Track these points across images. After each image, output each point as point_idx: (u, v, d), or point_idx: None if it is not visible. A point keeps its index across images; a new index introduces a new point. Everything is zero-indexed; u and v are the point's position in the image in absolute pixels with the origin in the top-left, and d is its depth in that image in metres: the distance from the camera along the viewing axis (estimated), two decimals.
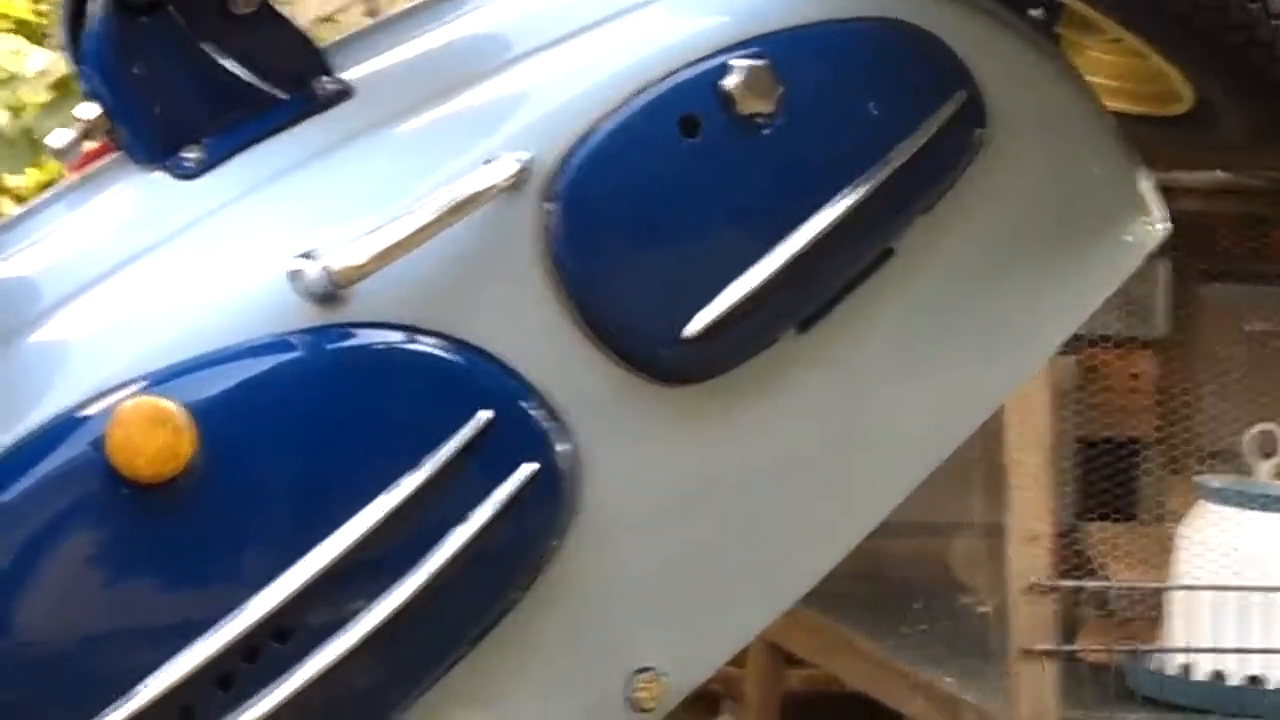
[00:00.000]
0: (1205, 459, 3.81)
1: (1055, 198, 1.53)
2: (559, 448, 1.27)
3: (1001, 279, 1.50)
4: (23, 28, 3.80)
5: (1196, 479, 3.66)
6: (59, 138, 1.35)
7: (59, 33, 1.60)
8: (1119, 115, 1.59)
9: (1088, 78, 1.56)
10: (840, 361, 1.43)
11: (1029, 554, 3.39)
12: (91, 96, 1.33)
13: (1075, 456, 3.83)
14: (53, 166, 2.44)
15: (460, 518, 1.22)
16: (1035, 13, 1.50)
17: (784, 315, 1.36)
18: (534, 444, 1.26)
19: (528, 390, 1.27)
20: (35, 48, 3.61)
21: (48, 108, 3.24)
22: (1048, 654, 3.32)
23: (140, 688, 1.14)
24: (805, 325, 1.36)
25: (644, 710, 1.32)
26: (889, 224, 1.40)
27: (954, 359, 1.49)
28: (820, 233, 1.32)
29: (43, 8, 3.88)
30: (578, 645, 1.37)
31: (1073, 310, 1.56)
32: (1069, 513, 3.71)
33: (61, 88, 3.26)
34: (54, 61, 3.41)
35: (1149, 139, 1.63)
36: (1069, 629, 3.53)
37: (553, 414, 1.27)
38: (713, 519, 1.39)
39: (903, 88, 1.41)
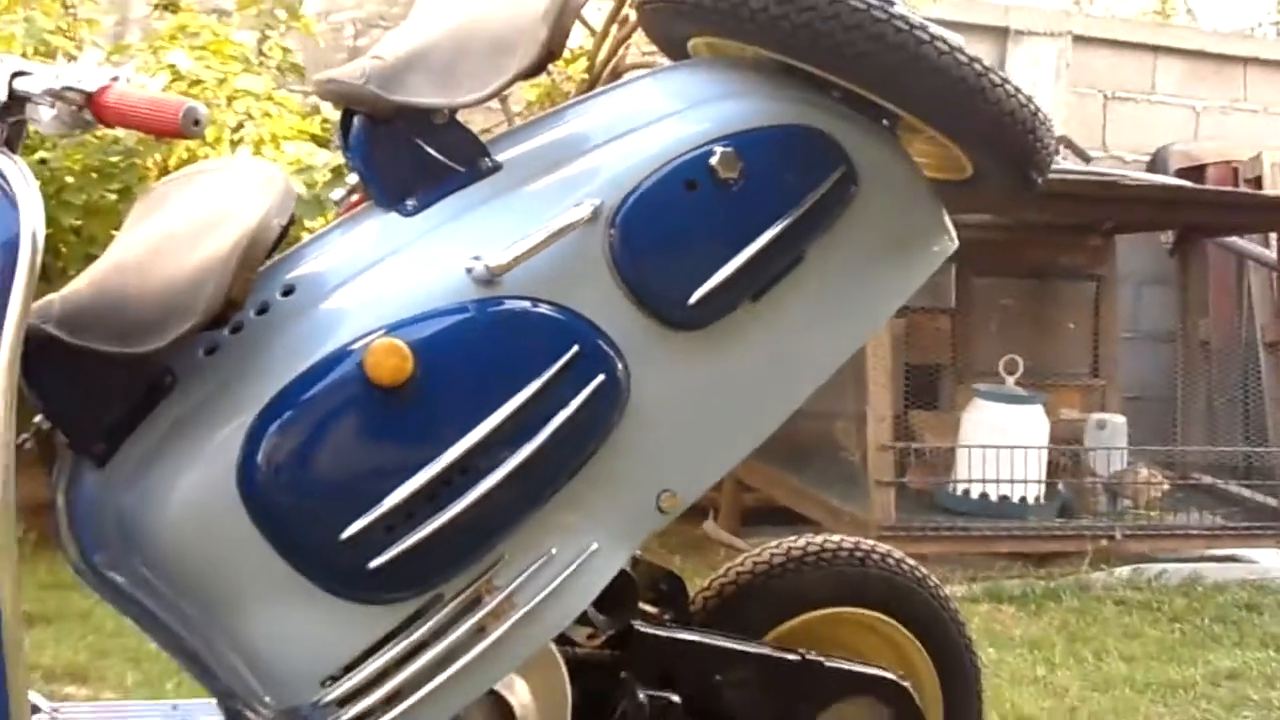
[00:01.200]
0: (977, 375, 5.43)
1: (895, 226, 1.96)
2: (617, 366, 1.70)
3: (865, 271, 1.93)
4: (315, 139, 4.56)
5: (973, 386, 5.25)
6: (336, 195, 1.96)
7: (336, 137, 2.37)
8: (931, 179, 2.03)
9: (914, 158, 2.01)
10: (776, 317, 1.84)
11: (879, 428, 4.81)
12: (354, 171, 1.86)
13: (905, 373, 5.29)
14: (331, 215, 2.71)
15: (563, 405, 1.65)
16: (885, 122, 1.94)
17: (743, 291, 1.79)
18: (602, 365, 1.69)
19: (599, 334, 1.69)
20: (320, 149, 4.38)
21: (328, 183, 4.05)
22: (889, 484, 4.78)
23: (386, 499, 1.58)
24: (756, 297, 1.81)
25: (664, 512, 1.78)
26: (803, 239, 1.83)
27: (839, 316, 1.92)
28: (764, 244, 1.77)
29: (328, 124, 4.53)
30: (629, 476, 1.79)
31: (902, 290, 2.01)
32: (901, 405, 5.20)
33: (338, 171, 4.08)
34: (334, 156, 4.25)
35: (946, 193, 2.04)
36: (901, 470, 5.04)
37: (613, 347, 1.70)
38: (701, 403, 1.82)
39: (811, 163, 1.83)
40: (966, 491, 5.07)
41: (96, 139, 4.47)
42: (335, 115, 2.41)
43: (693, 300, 1.74)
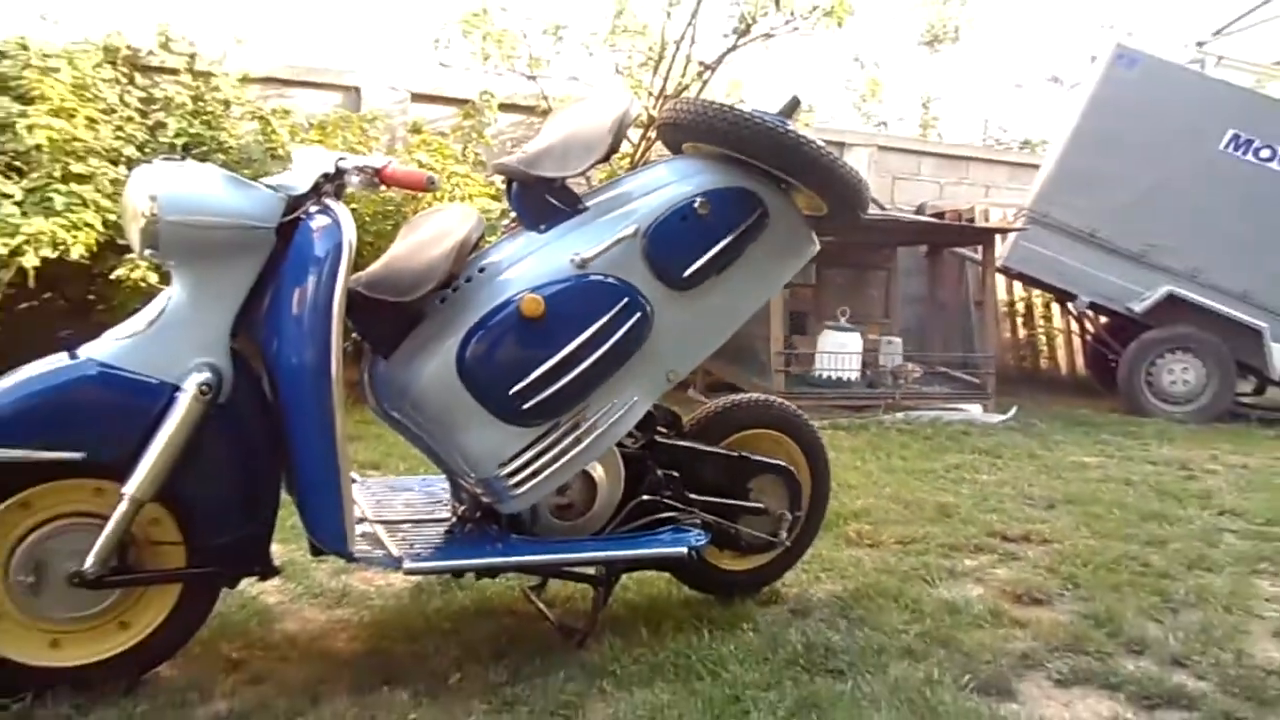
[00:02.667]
0: (825, 317, 6.65)
1: (787, 240, 2.52)
2: (647, 309, 2.32)
3: (772, 262, 2.52)
4: (491, 197, 5.82)
5: (824, 322, 6.57)
6: (504, 224, 3.09)
7: (504, 196, 2.96)
8: (805, 215, 2.54)
9: (797, 204, 2.52)
10: (728, 284, 2.44)
11: (776, 343, 6.23)
12: (513, 211, 2.45)
13: (788, 316, 6.49)
14: (500, 233, 2.92)
15: (619, 328, 2.28)
16: (782, 185, 2.48)
17: (711, 270, 2.39)
18: (639, 309, 2.32)
19: (638, 293, 2.32)
20: (494, 201, 5.61)
21: (499, 217, 5.04)
22: (782, 371, 6.25)
23: (531, 373, 2.25)
24: (719, 273, 2.41)
25: (670, 382, 2.44)
26: (742, 244, 2.41)
27: (759, 284, 2.54)
28: (723, 246, 2.38)
29: (497, 189, 5.76)
30: (652, 363, 2.39)
31: (790, 273, 2.62)
32: (786, 331, 6.47)
33: (504, 212, 4.91)
34: (501, 205, 5.27)
35: (813, 223, 2.57)
36: (787, 364, 6.30)
37: (645, 300, 2.33)
38: (689, 327, 2.41)
39: (747, 206, 2.41)
40: (820, 375, 6.40)
41: (379, 196, 5.68)
42: (502, 183, 3.32)
43: (685, 275, 2.39)
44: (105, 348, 2.04)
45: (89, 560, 2.00)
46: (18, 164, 5.01)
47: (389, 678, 2.21)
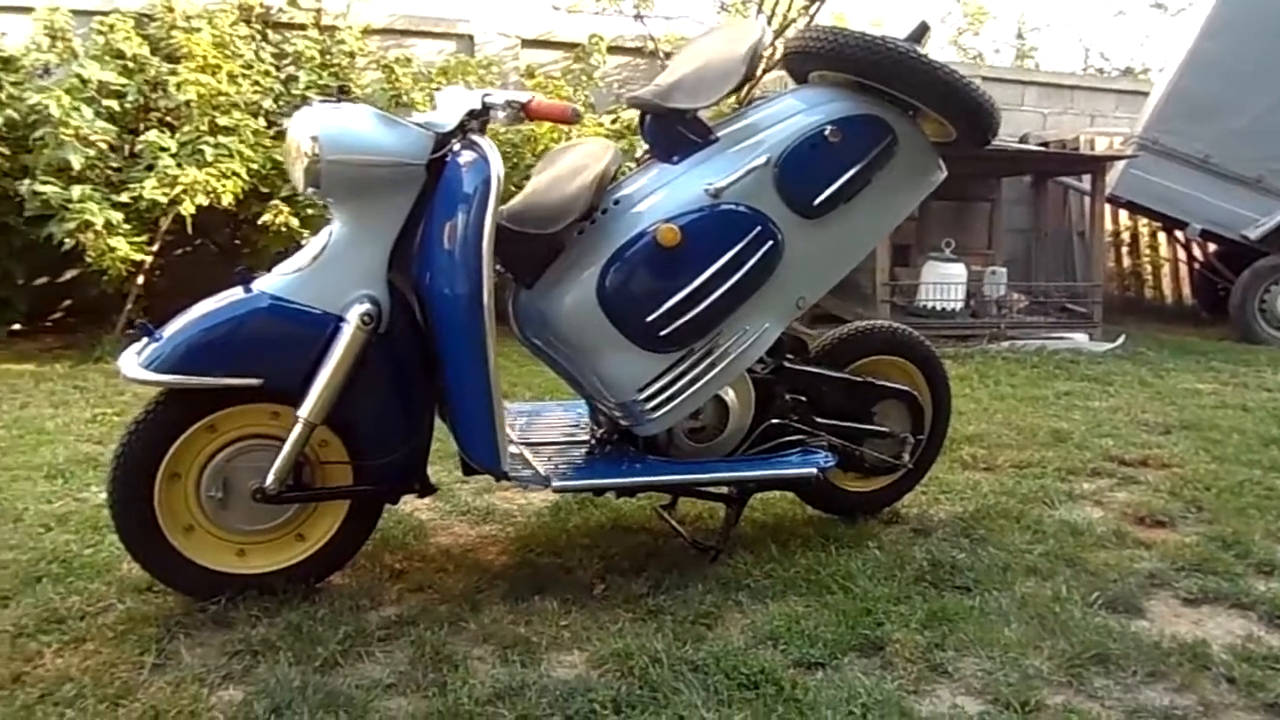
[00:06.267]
0: (929, 249, 6.51)
1: (915, 167, 2.47)
2: (778, 237, 2.31)
3: (899, 190, 2.47)
4: (606, 135, 5.63)
5: (928, 253, 6.40)
6: (638, 155, 2.79)
7: (637, 128, 2.56)
8: (934, 141, 2.51)
9: (925, 130, 2.47)
10: (856, 213, 2.41)
11: (881, 276, 6.14)
12: (646, 143, 2.42)
13: (893, 247, 6.36)
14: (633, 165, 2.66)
15: (752, 256, 2.29)
16: (910, 112, 2.44)
17: (840, 199, 2.36)
18: (771, 237, 2.31)
19: (770, 222, 2.30)
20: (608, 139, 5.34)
21: (630, 150, 4.63)
22: (887, 302, 6.14)
23: (668, 300, 2.25)
24: (847, 201, 2.37)
25: (799, 309, 2.41)
26: (870, 172, 2.38)
27: (885, 213, 2.51)
28: (853, 174, 2.36)
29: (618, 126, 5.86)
30: (783, 291, 2.37)
31: (916, 199, 2.57)
32: (890, 262, 6.35)
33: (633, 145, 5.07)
34: (627, 141, 5.24)
35: (942, 148, 2.53)
36: (891, 295, 6.23)
37: (776, 228, 2.31)
38: (817, 255, 2.39)
39: (876, 133, 2.39)
40: (925, 305, 6.29)
41: (513, 131, 5.64)
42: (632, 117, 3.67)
43: (816, 203, 2.35)
44: (276, 282, 2.10)
45: (269, 478, 2.10)
46: (168, 119, 5.19)
47: (539, 588, 2.28)
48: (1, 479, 3.01)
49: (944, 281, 6.32)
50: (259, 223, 5.15)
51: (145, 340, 2.04)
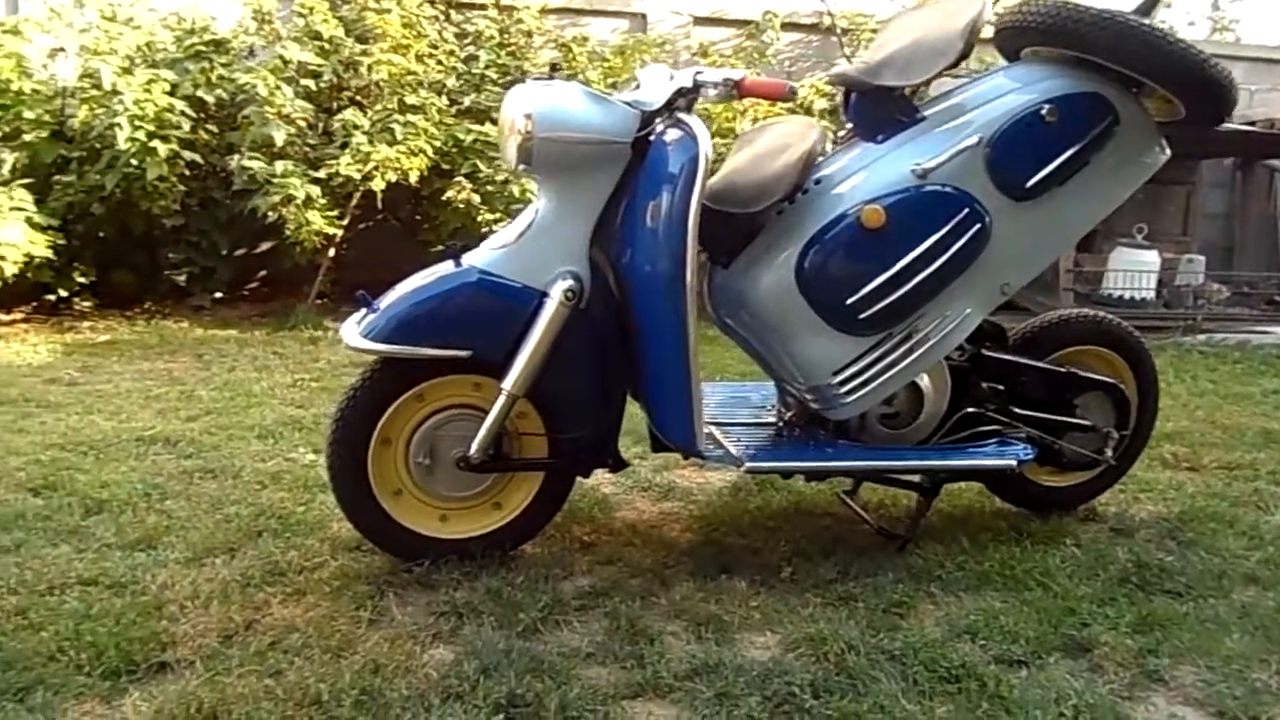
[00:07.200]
0: (1118, 235, 6.09)
1: (1136, 148, 2.34)
2: (986, 220, 2.23)
3: (1118, 172, 2.34)
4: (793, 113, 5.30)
5: (1117, 239, 6.07)
6: (841, 134, 2.46)
7: (840, 106, 2.41)
8: (1158, 121, 2.37)
9: (1147, 107, 2.33)
10: (1070, 196, 2.29)
11: (1065, 263, 5.86)
12: (850, 122, 2.34)
13: None
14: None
15: (958, 239, 2.22)
16: (1134, 89, 2.31)
17: (1055, 181, 2.26)
18: (979, 219, 2.24)
19: (978, 204, 2.23)
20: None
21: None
22: (1069, 289, 5.87)
23: (870, 283, 2.19)
24: (1061, 184, 2.28)
25: (1003, 295, 2.33)
26: (1089, 153, 2.28)
27: (1102, 196, 2.37)
28: (1070, 155, 2.25)
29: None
30: (987, 276, 2.28)
31: (1137, 182, 2.41)
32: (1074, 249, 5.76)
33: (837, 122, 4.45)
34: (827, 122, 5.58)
35: (1165, 128, 2.40)
36: (1071, 282, 5.93)
37: (985, 210, 2.23)
38: (1026, 240, 2.29)
39: (1096, 112, 2.27)
40: (1111, 294, 6.02)
41: (719, 109, 5.41)
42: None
43: (1028, 185, 2.25)
44: (484, 257, 2.15)
45: (473, 447, 2.16)
46: (358, 98, 5.41)
47: (725, 567, 2.28)
48: (219, 437, 3.21)
49: (1134, 269, 6.02)
50: (441, 199, 5.31)
51: (364, 311, 2.13)
